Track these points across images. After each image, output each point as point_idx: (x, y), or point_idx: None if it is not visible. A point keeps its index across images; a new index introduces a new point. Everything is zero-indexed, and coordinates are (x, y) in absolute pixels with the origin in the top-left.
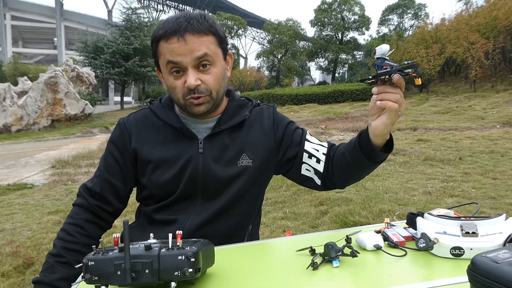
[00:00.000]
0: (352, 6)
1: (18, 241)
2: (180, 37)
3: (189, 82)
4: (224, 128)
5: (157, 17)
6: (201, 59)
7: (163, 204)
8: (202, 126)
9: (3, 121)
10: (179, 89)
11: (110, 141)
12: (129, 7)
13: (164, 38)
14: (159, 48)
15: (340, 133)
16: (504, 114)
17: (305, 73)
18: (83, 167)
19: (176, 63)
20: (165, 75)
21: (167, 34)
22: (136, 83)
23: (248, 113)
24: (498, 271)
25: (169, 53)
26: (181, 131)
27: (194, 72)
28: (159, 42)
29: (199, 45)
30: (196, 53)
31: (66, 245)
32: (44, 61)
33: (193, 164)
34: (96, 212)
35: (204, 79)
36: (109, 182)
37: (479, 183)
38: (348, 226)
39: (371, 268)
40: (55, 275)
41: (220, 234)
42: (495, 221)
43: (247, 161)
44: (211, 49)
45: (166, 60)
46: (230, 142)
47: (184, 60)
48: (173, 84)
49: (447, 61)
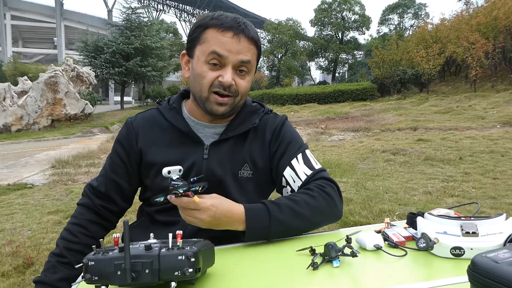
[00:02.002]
0: (352, 6)
1: (18, 241)
2: (235, 35)
3: (226, 79)
4: (231, 135)
5: (157, 16)
6: (243, 64)
7: (166, 207)
8: (210, 130)
9: (3, 121)
10: (208, 79)
11: (116, 141)
12: (129, 7)
13: (219, 28)
14: (206, 34)
15: (340, 133)
16: (504, 114)
17: (305, 73)
18: (83, 167)
19: (221, 56)
20: (199, 63)
21: (224, 26)
22: (136, 83)
23: (258, 120)
24: (498, 271)
25: (219, 44)
26: (188, 134)
27: (232, 72)
28: (209, 29)
29: (247, 50)
30: (243, 57)
31: (68, 245)
32: (44, 60)
33: (196, 169)
34: (101, 212)
35: (238, 82)
36: (114, 181)
37: (479, 183)
38: (348, 226)
39: (371, 268)
40: (56, 275)
41: (222, 237)
42: (495, 221)
43: (248, 172)
44: (253, 59)
45: (212, 50)
46: (234, 150)
47: (230, 57)
48: (204, 73)
49: (447, 61)
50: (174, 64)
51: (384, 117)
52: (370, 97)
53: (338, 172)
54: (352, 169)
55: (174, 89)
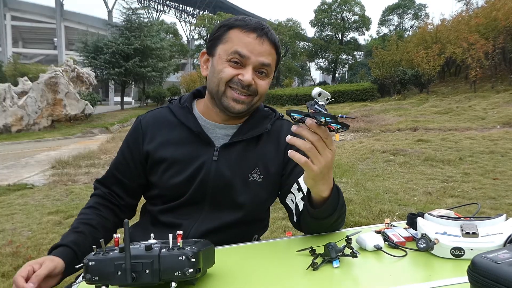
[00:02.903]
0: (352, 6)
1: (18, 241)
2: (259, 36)
3: (247, 78)
4: (243, 138)
5: (157, 17)
6: (263, 66)
7: (170, 206)
8: (221, 131)
9: (3, 121)
10: (226, 74)
11: (125, 137)
12: (129, 8)
13: (243, 28)
14: (230, 34)
15: (340, 133)
16: (504, 115)
17: (305, 73)
18: (83, 167)
19: (244, 56)
20: (219, 60)
21: (248, 27)
22: (136, 84)
23: (270, 125)
24: (498, 271)
25: (242, 44)
26: (198, 134)
27: (252, 72)
28: (233, 29)
29: (269, 53)
30: (264, 59)
31: (81, 220)
32: (44, 61)
33: (205, 170)
34: (110, 198)
35: (257, 82)
36: (116, 177)
37: (479, 184)
38: (348, 227)
39: (371, 268)
40: (70, 238)
41: (224, 243)
42: (495, 221)
43: (258, 176)
44: (272, 63)
45: (234, 49)
46: (245, 154)
47: (252, 58)
48: (224, 69)
49: (447, 62)
50: (174, 65)
51: (384, 118)
52: (370, 98)
53: (338, 172)
54: (352, 169)
55: (174, 90)
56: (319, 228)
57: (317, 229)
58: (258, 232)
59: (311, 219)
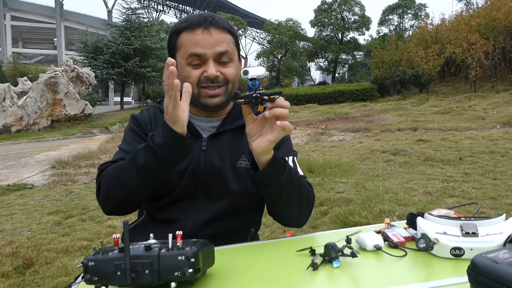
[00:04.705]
0: (352, 6)
1: (18, 241)
2: (205, 29)
3: (210, 72)
4: (228, 128)
5: (157, 17)
6: (222, 55)
7: (165, 202)
8: (206, 125)
9: (3, 121)
10: (194, 78)
11: (127, 130)
12: (129, 8)
13: (188, 29)
14: (180, 40)
15: (340, 133)
16: (504, 114)
17: (305, 73)
18: (83, 167)
19: (199, 55)
20: (182, 67)
21: (192, 26)
22: (136, 84)
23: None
24: (498, 271)
25: (193, 44)
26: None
27: (214, 64)
28: (181, 34)
29: (221, 41)
30: (219, 48)
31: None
32: (44, 61)
33: (195, 161)
34: None
35: (223, 71)
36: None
37: (479, 183)
38: (348, 227)
39: (371, 268)
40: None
41: (222, 235)
42: (495, 221)
43: (245, 163)
44: (231, 47)
45: (189, 53)
46: (232, 142)
47: (208, 52)
48: (189, 74)
49: (447, 61)
50: None
51: (384, 118)
52: (370, 98)
53: (338, 172)
54: (352, 169)
55: None
56: (278, 202)
57: (276, 205)
58: (254, 225)
59: (261, 188)
